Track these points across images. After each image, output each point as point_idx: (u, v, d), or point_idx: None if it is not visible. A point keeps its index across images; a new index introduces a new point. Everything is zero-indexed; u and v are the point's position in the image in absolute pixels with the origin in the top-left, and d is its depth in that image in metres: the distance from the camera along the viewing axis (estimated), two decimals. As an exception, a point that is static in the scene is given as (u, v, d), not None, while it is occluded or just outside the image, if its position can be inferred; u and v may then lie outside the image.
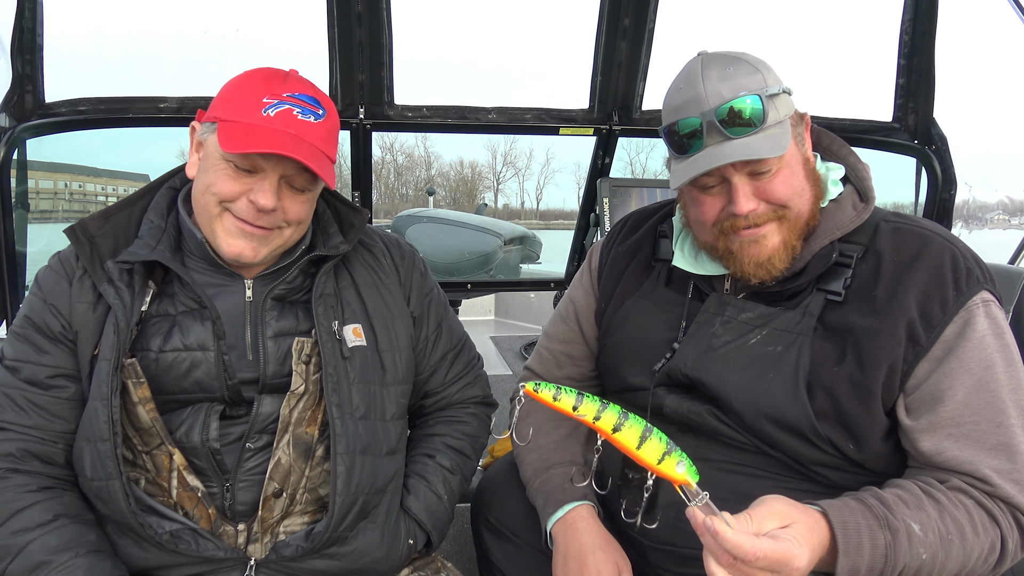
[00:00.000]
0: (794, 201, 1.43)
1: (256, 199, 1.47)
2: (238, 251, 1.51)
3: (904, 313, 1.36)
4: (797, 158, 1.45)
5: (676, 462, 1.15)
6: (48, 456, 1.51)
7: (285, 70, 1.55)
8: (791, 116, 1.45)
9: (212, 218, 1.51)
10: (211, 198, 1.49)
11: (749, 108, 1.39)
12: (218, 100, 1.53)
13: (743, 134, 1.39)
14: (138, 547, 1.50)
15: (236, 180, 1.48)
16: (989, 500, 1.31)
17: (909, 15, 3.13)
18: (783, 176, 1.42)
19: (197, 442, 1.51)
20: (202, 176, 1.51)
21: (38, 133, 2.84)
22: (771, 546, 1.13)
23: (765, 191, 1.42)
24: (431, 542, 1.71)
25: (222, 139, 1.44)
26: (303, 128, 1.48)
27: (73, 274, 1.54)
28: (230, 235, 1.51)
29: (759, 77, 1.42)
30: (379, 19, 2.90)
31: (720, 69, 1.42)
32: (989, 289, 1.38)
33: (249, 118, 1.46)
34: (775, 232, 1.44)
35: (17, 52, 2.68)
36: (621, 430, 1.16)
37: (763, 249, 1.44)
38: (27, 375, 1.51)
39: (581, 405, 1.16)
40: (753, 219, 1.43)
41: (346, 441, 1.53)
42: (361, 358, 1.60)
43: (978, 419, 1.32)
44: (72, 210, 4.03)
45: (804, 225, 1.46)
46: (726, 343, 1.50)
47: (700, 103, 1.41)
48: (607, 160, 3.51)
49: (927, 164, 3.30)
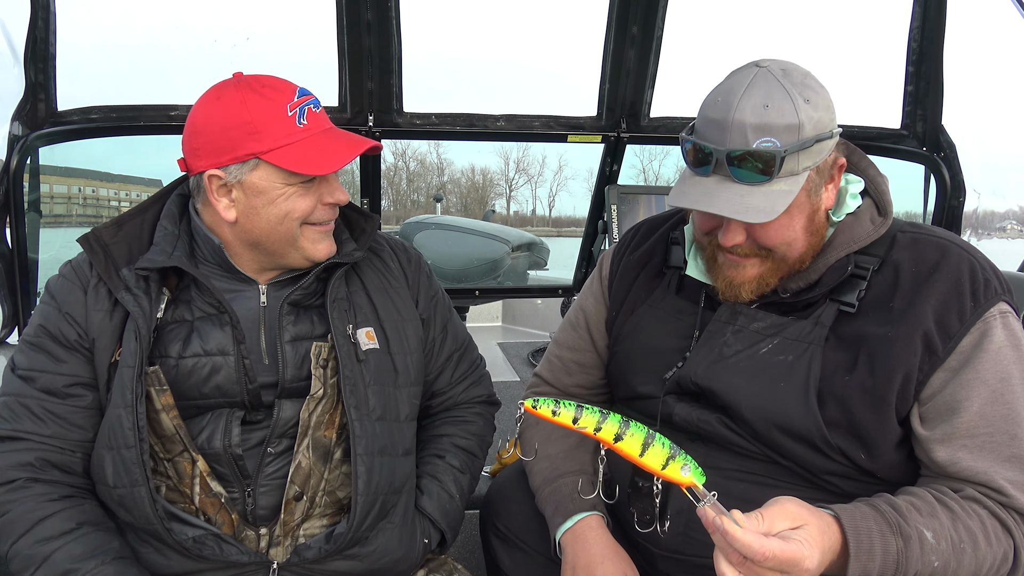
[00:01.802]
0: (781, 249, 1.42)
1: (335, 198, 1.54)
2: (327, 251, 1.58)
3: (921, 323, 1.35)
4: (803, 208, 1.40)
5: (681, 465, 1.15)
6: (67, 465, 1.51)
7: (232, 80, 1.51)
8: (816, 167, 1.38)
9: (295, 238, 1.53)
10: (293, 223, 1.52)
11: (762, 160, 1.33)
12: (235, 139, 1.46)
13: (747, 180, 1.35)
14: (160, 554, 1.50)
15: (308, 195, 1.51)
16: (1003, 511, 1.31)
17: (917, 22, 3.13)
18: (777, 225, 1.39)
19: (219, 448, 1.52)
20: (268, 210, 1.50)
21: (51, 141, 2.86)
22: (781, 546, 1.12)
23: (755, 232, 1.41)
24: (445, 541, 1.73)
25: (295, 165, 1.46)
26: (326, 119, 1.55)
27: (88, 282, 1.55)
28: (315, 243, 1.56)
29: (795, 121, 1.32)
30: (388, 27, 2.92)
31: (761, 98, 1.33)
32: (1007, 300, 1.38)
33: (292, 136, 1.48)
34: (755, 266, 1.45)
35: (30, 61, 2.71)
36: (623, 439, 1.16)
37: (738, 275, 1.46)
38: (44, 384, 1.51)
39: (581, 417, 1.16)
40: (737, 249, 1.44)
41: (365, 442, 1.54)
42: (375, 360, 1.61)
43: (993, 430, 1.32)
44: (86, 215, 4.05)
45: (789, 267, 1.45)
46: (737, 352, 1.49)
47: (723, 131, 1.35)
48: (615, 167, 3.52)
49: (936, 171, 3.29)
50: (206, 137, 1.49)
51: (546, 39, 8.56)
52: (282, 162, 1.46)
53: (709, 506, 1.14)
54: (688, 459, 1.16)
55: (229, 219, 1.52)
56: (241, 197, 1.50)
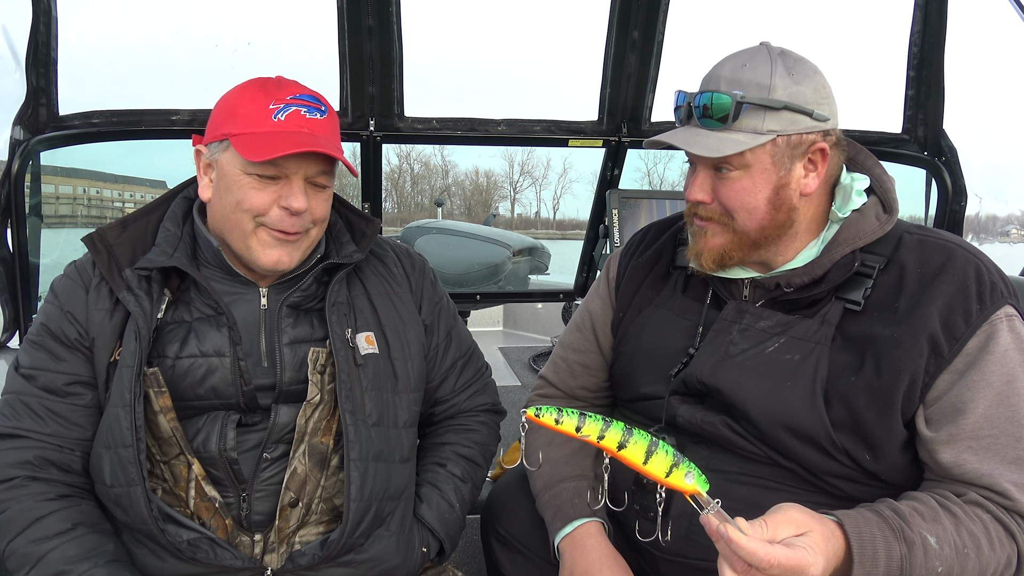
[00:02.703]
0: (740, 214, 1.44)
1: (289, 203, 1.49)
2: (275, 260, 1.53)
3: (927, 324, 1.35)
4: (768, 177, 1.42)
5: (684, 473, 1.15)
6: (66, 464, 1.52)
7: (273, 77, 1.55)
8: (786, 136, 1.41)
9: (247, 234, 1.52)
10: (244, 215, 1.50)
11: (717, 104, 1.42)
12: (220, 118, 1.53)
13: (708, 126, 1.43)
14: (155, 556, 1.50)
15: (264, 190, 1.49)
16: (1006, 515, 1.30)
17: (918, 26, 3.13)
18: (740, 185, 1.43)
19: (215, 451, 1.51)
20: (226, 195, 1.51)
21: (52, 145, 2.87)
22: (785, 553, 1.12)
23: (719, 190, 1.46)
24: (444, 550, 1.71)
25: (243, 151, 1.45)
26: (314, 125, 1.51)
27: (90, 282, 1.56)
28: (266, 246, 1.52)
29: (766, 83, 1.40)
30: (389, 32, 2.92)
31: (744, 59, 1.44)
32: (1013, 304, 1.37)
33: (262, 126, 1.47)
34: (716, 234, 1.48)
35: (32, 65, 2.71)
36: (627, 447, 1.15)
37: (702, 243, 1.50)
38: (44, 383, 1.52)
39: (584, 426, 1.15)
40: (702, 211, 1.49)
41: (359, 447, 1.54)
42: (374, 366, 1.61)
43: (998, 433, 1.32)
44: (89, 216, 4.05)
45: (751, 243, 1.47)
46: (743, 351, 1.49)
47: (704, 84, 1.47)
48: (616, 172, 3.52)
49: (937, 176, 3.28)
50: (212, 117, 1.55)
51: (547, 44, 8.60)
52: (238, 146, 1.47)
53: (713, 514, 1.14)
54: (692, 466, 1.16)
55: (205, 197, 1.56)
56: (216, 178, 1.54)
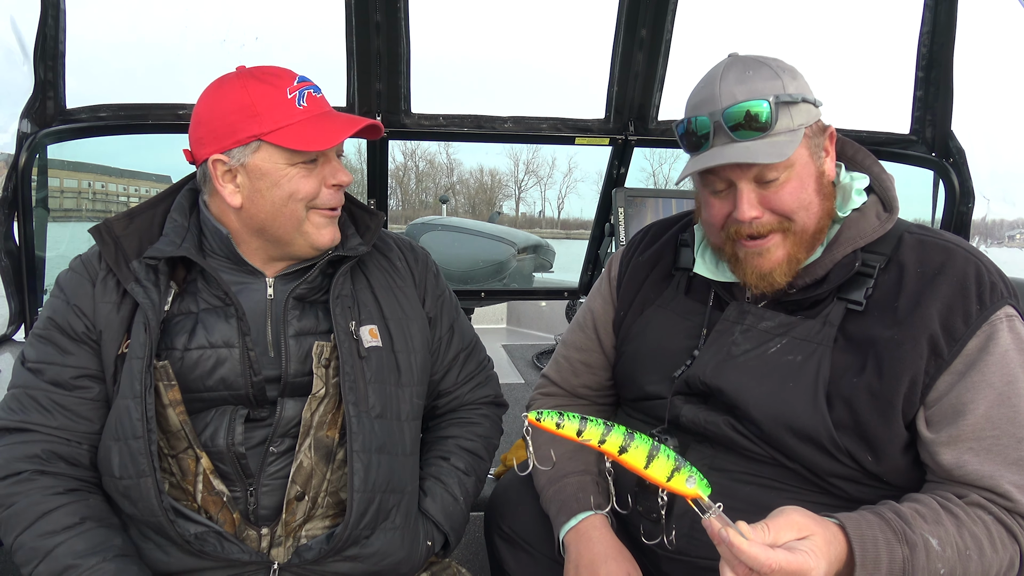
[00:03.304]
0: (799, 214, 1.42)
1: (339, 179, 1.56)
2: (331, 238, 1.59)
3: (927, 325, 1.35)
4: (810, 170, 1.43)
5: (686, 477, 1.15)
6: (73, 457, 1.52)
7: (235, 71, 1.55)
8: (809, 126, 1.42)
9: (300, 222, 1.54)
10: (298, 205, 1.53)
11: (756, 112, 1.38)
12: (236, 122, 1.48)
13: (748, 138, 1.39)
14: (162, 551, 1.50)
15: (311, 176, 1.53)
16: (1008, 516, 1.30)
17: (928, 27, 3.11)
18: (791, 187, 1.41)
19: (223, 446, 1.52)
20: (272, 192, 1.51)
21: (59, 139, 2.87)
22: (787, 557, 1.12)
23: (770, 200, 1.42)
24: (448, 543, 1.72)
25: (294, 143, 1.48)
26: (325, 103, 1.57)
27: (96, 275, 1.56)
28: (320, 228, 1.57)
29: (778, 83, 1.41)
30: (397, 28, 2.92)
31: (740, 72, 1.42)
32: (1013, 304, 1.37)
33: (292, 116, 1.50)
34: (779, 245, 1.44)
35: (40, 58, 2.72)
36: (628, 451, 1.15)
37: (765, 262, 1.44)
38: (51, 376, 1.52)
39: (586, 430, 1.15)
40: (757, 228, 1.43)
41: (363, 439, 1.54)
42: (377, 358, 1.61)
43: (999, 433, 1.31)
44: (96, 209, 4.06)
45: (811, 239, 1.45)
46: (746, 352, 1.49)
47: (713, 103, 1.41)
48: (623, 170, 3.51)
49: (944, 177, 3.27)
50: (209, 125, 1.51)
51: (555, 41, 8.55)
52: (283, 141, 1.47)
53: (715, 518, 1.13)
54: (693, 470, 1.16)
55: (235, 205, 1.53)
56: (245, 181, 1.52)
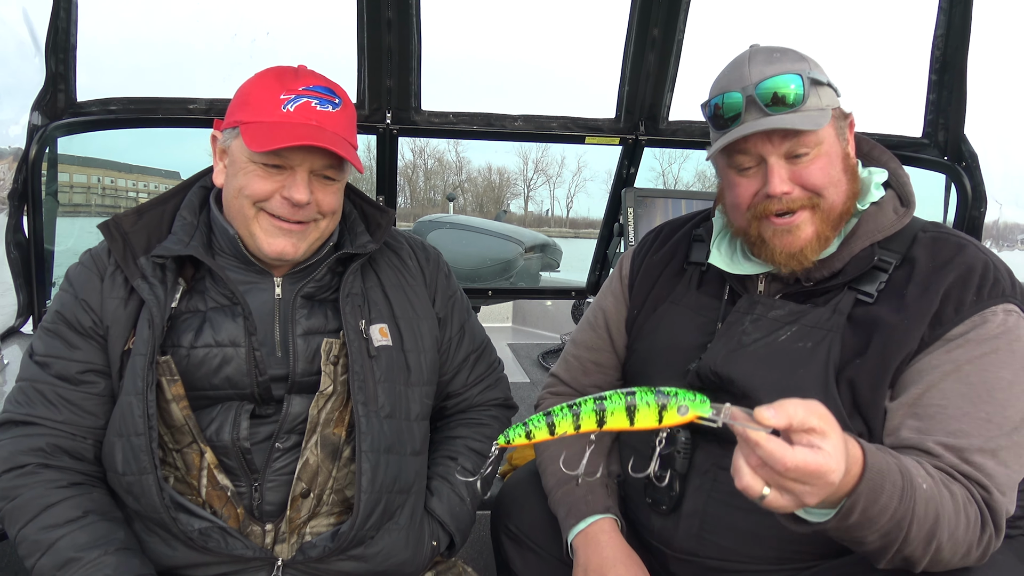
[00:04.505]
0: (829, 190, 1.43)
1: (290, 194, 1.49)
2: (279, 249, 1.53)
3: (929, 311, 1.36)
4: (837, 150, 1.45)
5: (676, 408, 1.06)
6: (78, 452, 1.52)
7: (294, 67, 1.56)
8: (835, 109, 1.46)
9: (249, 220, 1.52)
10: (245, 201, 1.51)
11: (790, 86, 1.41)
12: (235, 105, 1.54)
13: (781, 111, 1.41)
14: (166, 545, 1.50)
15: (267, 179, 1.49)
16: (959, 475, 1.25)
17: (941, 30, 3.09)
18: (820, 163, 1.43)
19: (228, 440, 1.51)
20: (232, 181, 1.53)
21: (69, 132, 2.87)
22: (807, 458, 1.02)
23: (801, 175, 1.43)
24: (454, 544, 1.71)
25: (248, 140, 1.46)
26: (324, 118, 1.50)
27: (105, 270, 1.56)
28: (269, 235, 1.52)
29: (805, 64, 1.45)
30: (409, 25, 2.91)
31: (767, 55, 1.46)
32: (1015, 302, 1.36)
33: (270, 116, 1.48)
34: (808, 222, 1.44)
35: (51, 51, 2.72)
36: (607, 420, 1.08)
37: (796, 240, 1.44)
38: (57, 370, 1.52)
39: (557, 424, 1.09)
40: (787, 203, 1.43)
41: (371, 439, 1.53)
42: (387, 358, 1.60)
43: (947, 404, 1.29)
44: (104, 205, 4.07)
45: (838, 217, 1.45)
46: (756, 340, 1.48)
47: (743, 80, 1.44)
48: (632, 170, 3.50)
49: (957, 181, 3.25)
50: (231, 104, 1.56)
51: (566, 40, 8.55)
52: (245, 133, 1.48)
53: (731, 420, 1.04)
54: (680, 398, 1.06)
55: (218, 183, 1.58)
56: (228, 163, 1.55)
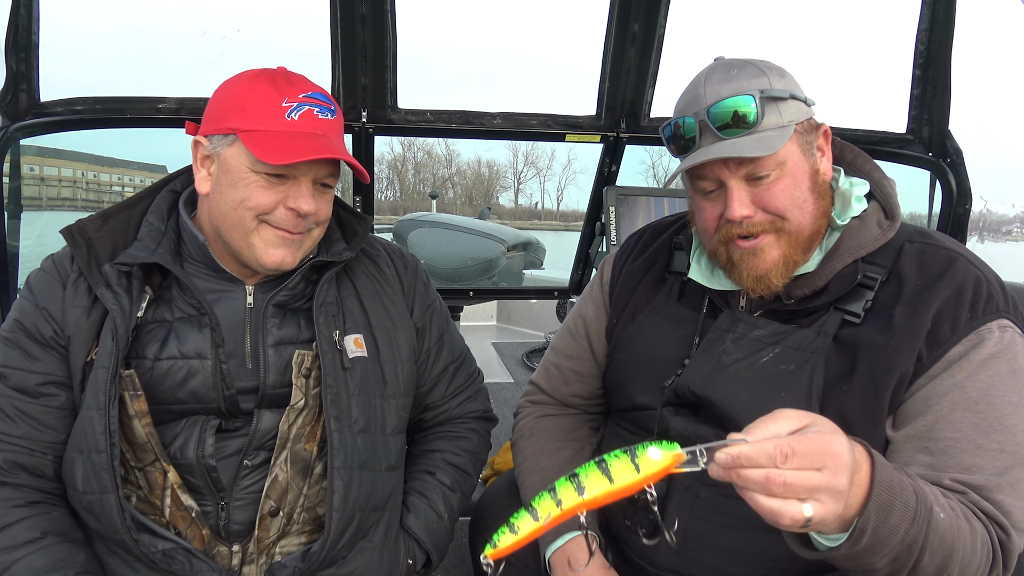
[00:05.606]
0: (792, 212, 1.37)
1: (297, 205, 1.44)
2: (279, 260, 1.48)
3: (919, 332, 1.30)
4: (803, 168, 1.39)
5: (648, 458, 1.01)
6: (37, 468, 1.46)
7: (275, 69, 1.50)
8: (800, 123, 1.39)
9: (248, 232, 1.46)
10: (247, 213, 1.44)
11: (741, 108, 1.35)
12: (226, 111, 1.45)
13: (735, 135, 1.36)
14: (128, 567, 1.44)
15: (271, 190, 1.44)
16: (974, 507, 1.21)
17: (925, 25, 3.07)
18: (783, 184, 1.37)
19: (192, 458, 1.46)
20: (229, 192, 1.45)
21: (31, 133, 2.79)
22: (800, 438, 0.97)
23: (762, 199, 1.37)
24: (431, 562, 1.67)
25: (257, 150, 1.39)
26: (326, 126, 1.46)
27: (67, 277, 1.49)
28: (270, 245, 1.47)
29: (764, 80, 1.38)
30: (383, 21, 2.85)
31: (724, 72, 1.40)
32: (1010, 318, 1.31)
33: (274, 124, 1.42)
34: (773, 245, 1.39)
35: (11, 50, 2.64)
36: (586, 491, 1.03)
37: (760, 262, 1.39)
38: (16, 382, 1.45)
39: (539, 510, 1.04)
40: (748, 227, 1.38)
41: (344, 455, 1.48)
42: (362, 369, 1.55)
43: (959, 437, 1.24)
44: (88, 199, 3.99)
45: (807, 240, 1.40)
46: (736, 361, 1.44)
47: (698, 103, 1.39)
48: (614, 168, 3.47)
49: (942, 177, 3.23)
50: (210, 106, 1.49)
51: (546, 35, 8.54)
52: (250, 143, 1.40)
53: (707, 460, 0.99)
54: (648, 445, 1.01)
55: (203, 191, 1.50)
56: (216, 172, 1.47)
